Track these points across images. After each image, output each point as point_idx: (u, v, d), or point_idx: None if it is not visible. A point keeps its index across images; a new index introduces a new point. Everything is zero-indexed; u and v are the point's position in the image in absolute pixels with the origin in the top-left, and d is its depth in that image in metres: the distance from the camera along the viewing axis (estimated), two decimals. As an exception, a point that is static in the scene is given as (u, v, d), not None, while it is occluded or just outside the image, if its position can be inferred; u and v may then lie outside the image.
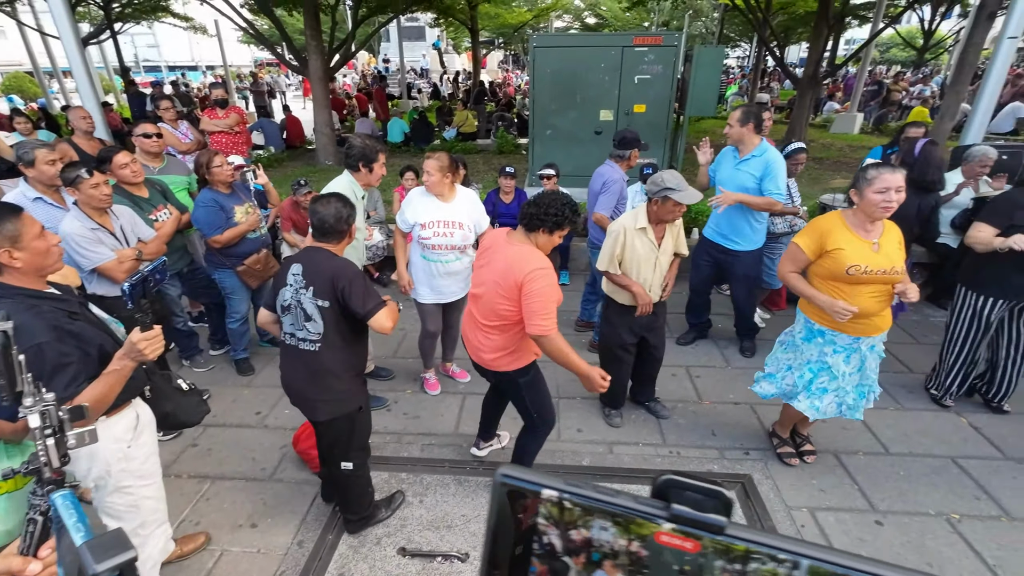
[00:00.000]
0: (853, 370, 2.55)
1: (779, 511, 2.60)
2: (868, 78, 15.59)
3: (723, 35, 23.29)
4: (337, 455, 2.19)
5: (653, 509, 0.30)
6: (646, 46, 5.94)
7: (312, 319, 2.00)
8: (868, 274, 2.31)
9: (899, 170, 2.26)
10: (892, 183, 2.21)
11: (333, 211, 2.03)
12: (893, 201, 2.22)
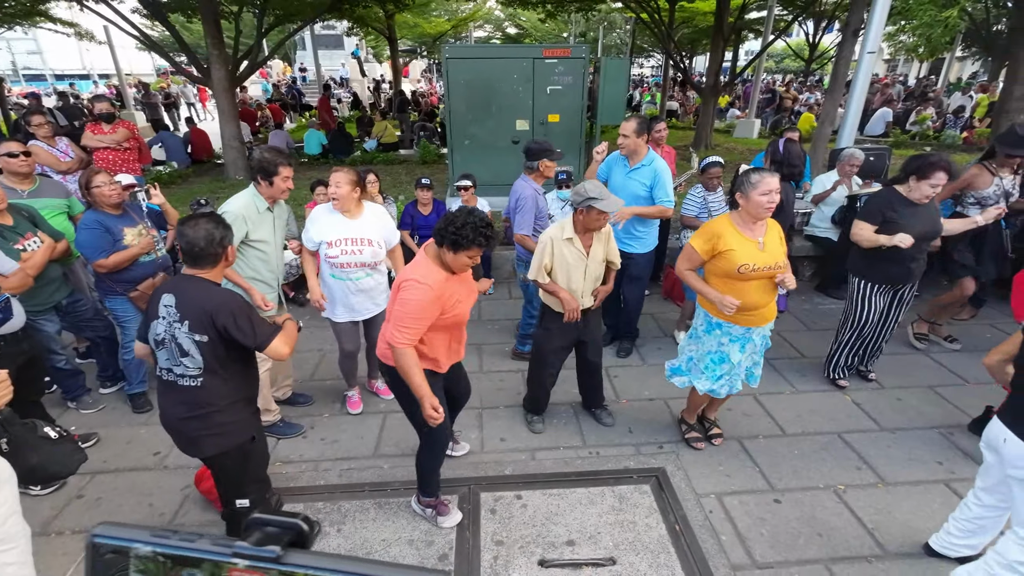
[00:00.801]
0: (746, 358, 2.79)
1: (689, 500, 2.74)
2: (763, 87, 16.98)
3: (636, 46, 24.50)
4: (232, 491, 2.06)
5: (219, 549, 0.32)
6: (556, 58, 6.12)
7: (189, 354, 1.86)
8: (756, 271, 2.52)
9: (776, 173, 2.48)
10: (773, 185, 2.44)
11: (203, 233, 1.87)
12: (774, 202, 2.45)
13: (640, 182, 3.53)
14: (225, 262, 1.99)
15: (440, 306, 2.13)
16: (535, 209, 3.48)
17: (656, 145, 4.55)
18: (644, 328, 4.43)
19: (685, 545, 2.49)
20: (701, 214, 4.07)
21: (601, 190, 2.64)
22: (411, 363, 2.08)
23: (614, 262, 3.01)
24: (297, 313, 4.89)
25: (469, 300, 2.31)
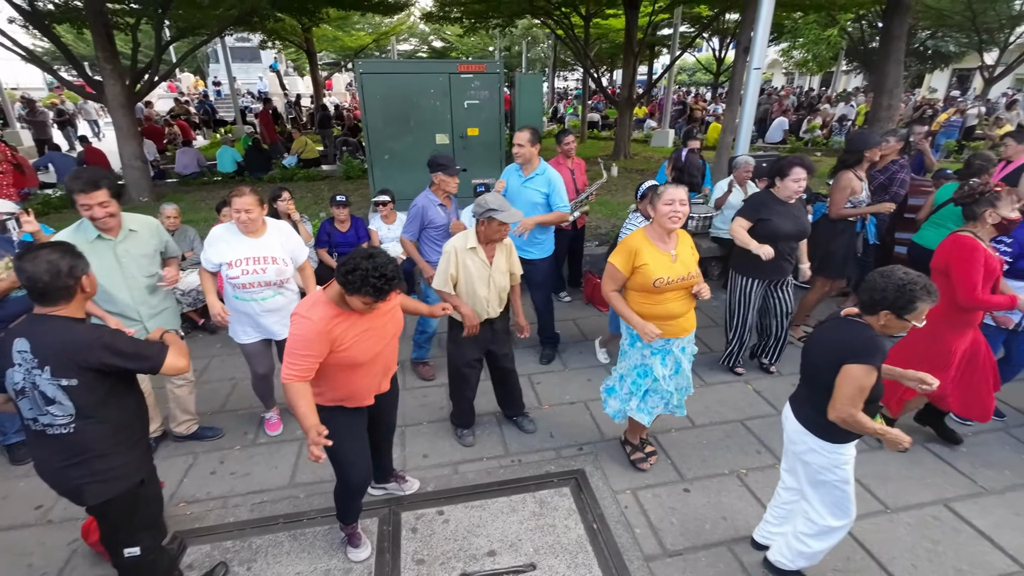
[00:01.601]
0: (670, 372, 2.79)
1: (606, 498, 2.84)
2: (674, 99, 18.08)
3: (559, 60, 25.36)
4: (120, 540, 1.90)
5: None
6: (471, 73, 6.22)
7: (56, 401, 1.68)
8: (671, 284, 2.58)
9: (682, 185, 2.58)
10: (677, 196, 2.52)
11: (45, 267, 1.65)
12: (680, 212, 2.52)
13: (536, 190, 3.71)
14: (83, 294, 1.79)
15: (327, 343, 1.99)
16: (421, 218, 3.54)
17: (566, 156, 4.73)
18: (566, 333, 4.56)
19: (602, 542, 2.57)
20: None
21: (502, 202, 2.71)
22: (295, 397, 1.98)
23: (515, 274, 3.04)
24: (208, 341, 4.63)
25: (372, 342, 2.11)
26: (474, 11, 11.28)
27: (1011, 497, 2.81)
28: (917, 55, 17.85)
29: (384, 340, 2.20)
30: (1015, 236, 3.06)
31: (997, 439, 3.26)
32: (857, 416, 1.84)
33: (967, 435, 3.27)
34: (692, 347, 2.89)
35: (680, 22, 13.07)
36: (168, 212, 4.57)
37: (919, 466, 3.05)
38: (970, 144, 10.87)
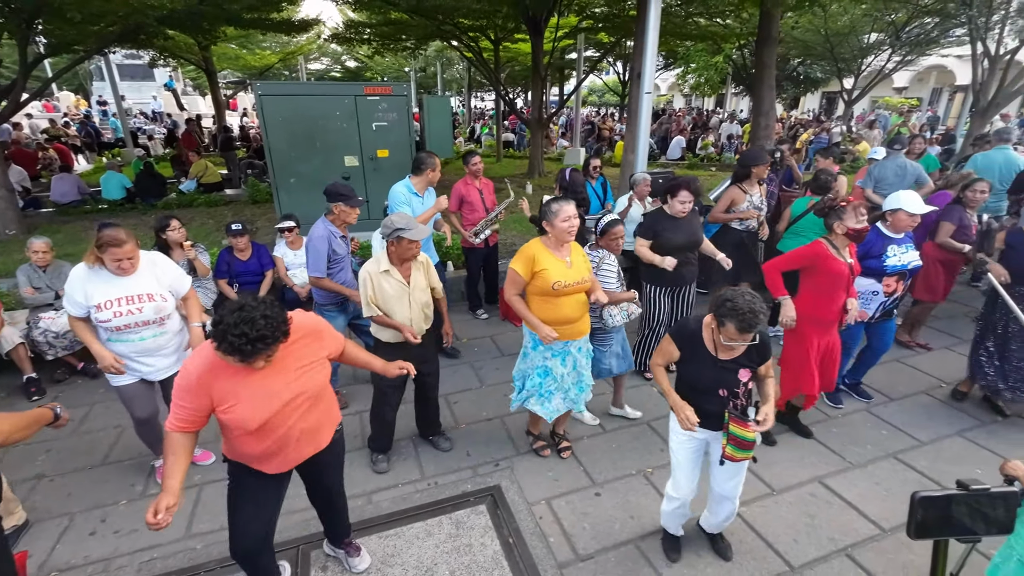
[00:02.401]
0: (569, 370, 3.01)
1: (522, 511, 2.88)
2: (584, 119, 19.03)
3: (474, 81, 25.83)
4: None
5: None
6: (378, 95, 6.21)
7: None
8: (567, 287, 2.78)
9: (571, 200, 2.79)
10: (570, 212, 2.74)
11: None
12: (575, 224, 2.75)
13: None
14: None
15: (204, 398, 1.78)
16: (327, 251, 3.35)
17: (474, 177, 4.83)
18: (482, 349, 4.62)
19: (517, 556, 2.61)
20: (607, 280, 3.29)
21: (408, 220, 2.73)
22: (166, 448, 1.83)
23: (436, 288, 3.09)
24: (90, 386, 4.19)
25: (265, 404, 1.81)
26: (383, 33, 11.28)
27: (872, 469, 3.19)
28: (792, 80, 20.11)
29: (282, 402, 1.86)
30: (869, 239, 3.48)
31: (862, 418, 3.69)
32: (654, 369, 2.39)
33: (838, 416, 3.69)
34: (588, 347, 3.12)
35: (584, 47, 13.84)
36: (37, 247, 4.11)
37: (800, 448, 3.38)
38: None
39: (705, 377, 2.18)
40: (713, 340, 2.15)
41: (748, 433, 2.08)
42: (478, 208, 4.79)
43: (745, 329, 1.95)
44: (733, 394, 2.15)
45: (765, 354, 2.20)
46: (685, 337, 2.24)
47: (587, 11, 10.32)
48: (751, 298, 1.96)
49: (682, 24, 10.41)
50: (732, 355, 2.17)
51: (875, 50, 15.26)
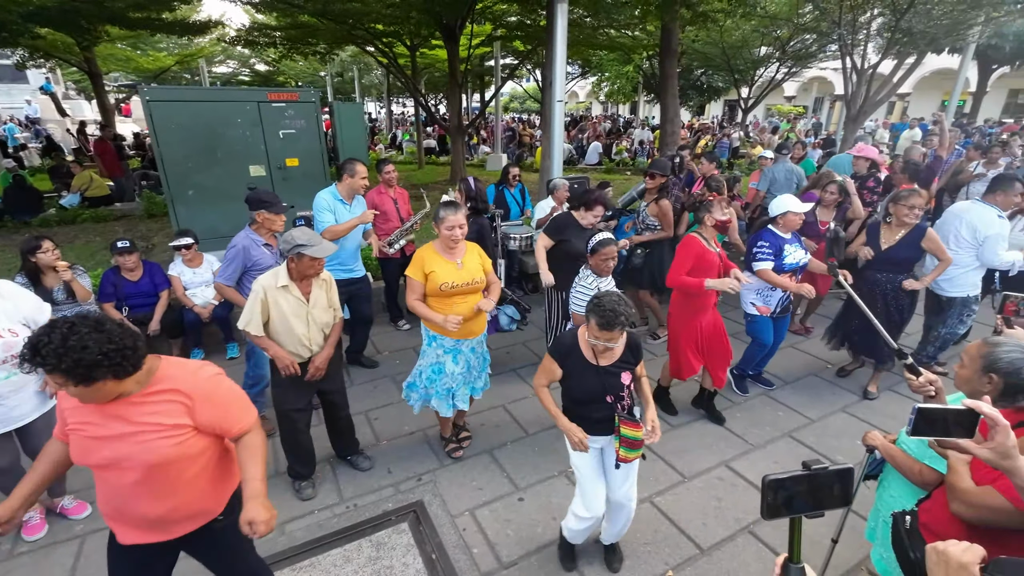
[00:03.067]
0: (461, 369, 3.11)
1: (445, 524, 2.84)
2: (504, 125, 19.29)
3: (393, 87, 25.37)
4: None
5: None
6: (283, 102, 5.92)
7: None
8: (455, 288, 2.89)
9: (461, 209, 2.85)
10: (456, 221, 2.83)
11: None
12: (459, 233, 2.84)
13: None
14: None
15: (63, 417, 1.57)
16: (244, 260, 3.25)
17: (387, 186, 4.73)
18: (405, 361, 4.52)
19: (440, 571, 2.56)
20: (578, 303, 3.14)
21: (311, 236, 2.60)
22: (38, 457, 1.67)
23: (338, 311, 2.97)
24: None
25: (87, 445, 1.51)
26: (292, 36, 10.79)
27: (771, 448, 3.46)
28: (697, 89, 21.55)
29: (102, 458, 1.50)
30: (768, 241, 3.74)
31: (762, 402, 4.00)
32: (538, 391, 2.36)
33: (740, 402, 3.96)
34: (483, 350, 3.24)
35: (501, 55, 14.03)
36: None
37: (709, 435, 3.60)
38: (736, 161, 13.41)
39: (590, 386, 2.23)
40: (591, 349, 2.22)
41: (638, 432, 2.17)
42: (392, 218, 4.69)
43: (604, 326, 2.04)
44: (619, 397, 2.24)
45: (639, 354, 2.33)
46: (564, 352, 2.28)
47: (501, 20, 10.47)
48: (617, 300, 2.07)
49: (592, 35, 10.84)
50: (612, 359, 2.25)
51: (766, 62, 16.72)
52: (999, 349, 1.69)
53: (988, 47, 14.17)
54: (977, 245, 3.70)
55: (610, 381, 2.23)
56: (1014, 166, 5.99)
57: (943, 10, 8.62)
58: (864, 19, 9.88)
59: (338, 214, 3.82)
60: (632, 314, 2.11)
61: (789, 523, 1.01)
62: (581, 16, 9.61)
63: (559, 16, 5.76)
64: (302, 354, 2.79)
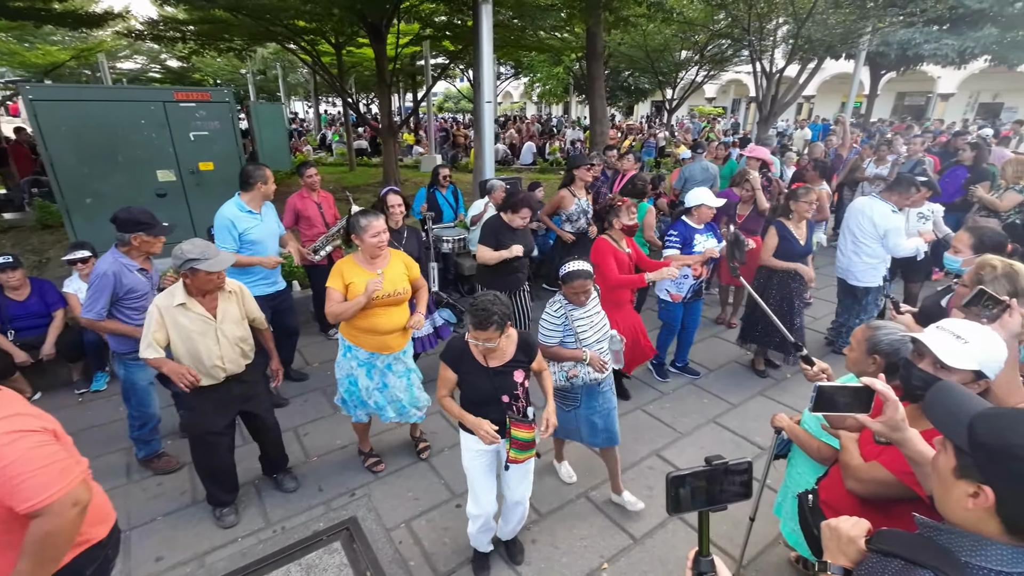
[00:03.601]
0: (377, 386, 3.02)
1: (380, 539, 2.76)
2: (439, 125, 19.12)
3: (321, 86, 24.43)
4: None
5: None
6: (193, 101, 5.53)
7: None
8: (376, 300, 2.78)
9: (380, 215, 2.76)
10: (379, 227, 2.75)
11: None
12: (383, 239, 2.75)
13: (276, 221, 3.78)
14: None
15: None
16: (111, 290, 2.81)
17: (310, 190, 4.54)
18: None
19: (375, 588, 2.48)
20: (567, 339, 2.70)
21: (204, 248, 2.41)
22: None
23: (257, 319, 2.82)
24: None
25: None
26: (202, 32, 10.08)
27: (697, 435, 3.63)
28: (625, 90, 22.30)
29: None
30: (679, 231, 3.93)
31: (688, 391, 4.18)
32: (441, 401, 2.29)
33: (669, 392, 4.13)
34: (406, 367, 3.11)
35: (432, 54, 13.85)
36: None
37: (640, 427, 3.72)
38: (663, 159, 14.00)
39: (484, 388, 2.22)
40: (481, 351, 2.20)
41: (528, 434, 2.19)
42: (317, 223, 4.51)
43: (478, 325, 2.04)
44: (513, 397, 2.24)
45: (531, 352, 2.32)
46: (455, 357, 2.26)
47: (429, 20, 10.32)
48: (492, 300, 2.07)
49: (521, 36, 10.93)
50: (502, 360, 2.24)
51: (686, 65, 17.55)
52: (880, 332, 1.86)
53: (877, 54, 15.62)
54: (880, 237, 4.06)
55: (502, 381, 2.22)
56: (899, 163, 6.63)
57: (837, 20, 9.41)
58: (771, 27, 10.60)
59: (246, 227, 3.50)
60: (507, 313, 2.10)
61: (698, 517, 1.05)
62: (509, 18, 9.67)
63: (484, 17, 5.76)
64: (215, 375, 2.60)
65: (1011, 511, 0.87)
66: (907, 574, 0.93)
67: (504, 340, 2.19)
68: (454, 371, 2.27)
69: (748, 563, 2.60)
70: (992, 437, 0.89)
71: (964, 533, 0.92)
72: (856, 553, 1.08)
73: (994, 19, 13.70)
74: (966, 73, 22.04)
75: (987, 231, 2.86)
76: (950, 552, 0.92)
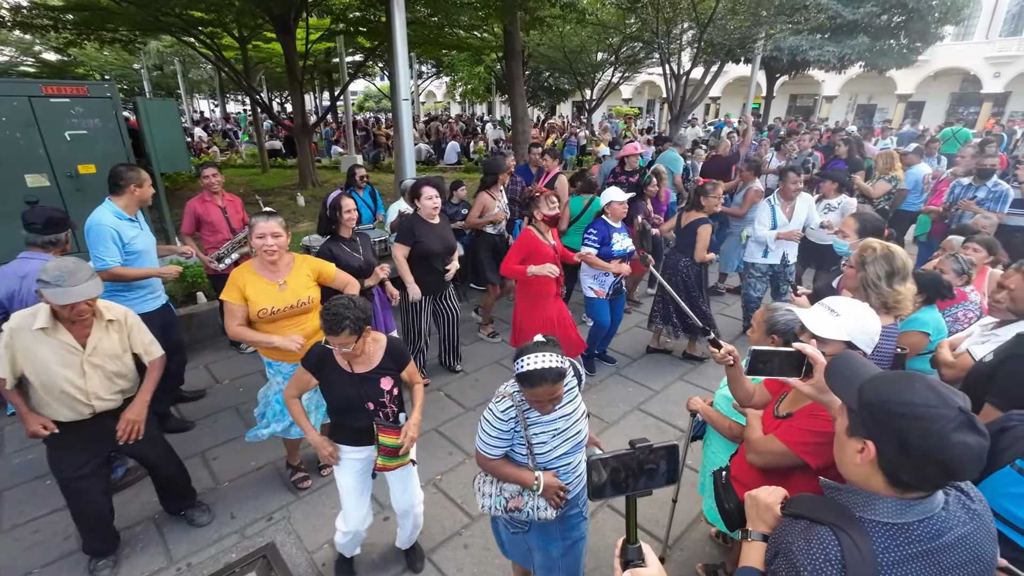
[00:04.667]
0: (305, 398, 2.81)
1: (301, 564, 2.58)
2: (359, 125, 18.51)
3: (228, 83, 22.83)
4: None
5: None
6: (67, 96, 4.92)
7: None
8: (277, 313, 2.58)
9: (274, 216, 2.58)
10: (269, 229, 2.53)
11: None
12: (272, 244, 2.53)
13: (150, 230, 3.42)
14: None
15: None
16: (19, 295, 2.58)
17: (211, 193, 4.19)
18: (248, 388, 4.05)
19: (296, 617, 2.32)
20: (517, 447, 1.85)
21: (59, 273, 2.02)
22: None
23: (150, 352, 2.48)
24: None
25: None
26: (81, 20, 9.02)
27: (623, 423, 3.73)
28: (546, 90, 22.72)
29: None
30: (598, 229, 4.02)
31: (614, 380, 4.30)
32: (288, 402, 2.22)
33: (595, 384, 4.22)
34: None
35: (348, 50, 13.33)
36: None
37: (569, 420, 3.76)
38: (584, 157, 14.40)
39: (348, 394, 2.13)
40: (344, 356, 2.09)
41: (395, 439, 2.11)
42: (221, 229, 4.17)
43: (329, 331, 1.95)
44: (380, 404, 2.16)
45: (401, 360, 2.24)
46: (317, 362, 2.15)
47: (342, 15, 9.90)
48: (345, 303, 1.97)
49: (440, 34, 10.78)
50: (368, 366, 2.15)
51: (603, 67, 18.17)
52: (776, 314, 1.98)
53: (771, 59, 16.98)
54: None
55: (368, 388, 2.14)
56: (792, 157, 7.22)
57: (735, 25, 10.11)
58: (677, 31, 11.20)
59: (131, 237, 3.13)
60: (364, 317, 2.00)
61: (625, 503, 1.01)
62: (426, 15, 9.50)
63: (396, 13, 5.58)
64: (80, 411, 2.25)
65: (889, 463, 0.96)
66: (809, 532, 1.01)
67: (369, 345, 2.12)
68: (314, 376, 2.17)
69: (673, 543, 2.70)
70: (874, 396, 0.99)
71: (858, 491, 1.02)
72: (772, 519, 1.15)
73: (865, 29, 15.35)
74: (845, 78, 24.58)
75: (868, 217, 3.17)
76: (846, 509, 1.01)
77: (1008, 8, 24.59)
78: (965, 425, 0.91)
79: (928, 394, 0.94)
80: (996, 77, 24.88)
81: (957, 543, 0.96)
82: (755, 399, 1.95)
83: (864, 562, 0.93)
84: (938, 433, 0.90)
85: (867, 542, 0.95)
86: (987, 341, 2.19)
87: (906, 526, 0.96)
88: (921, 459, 0.92)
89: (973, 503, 1.02)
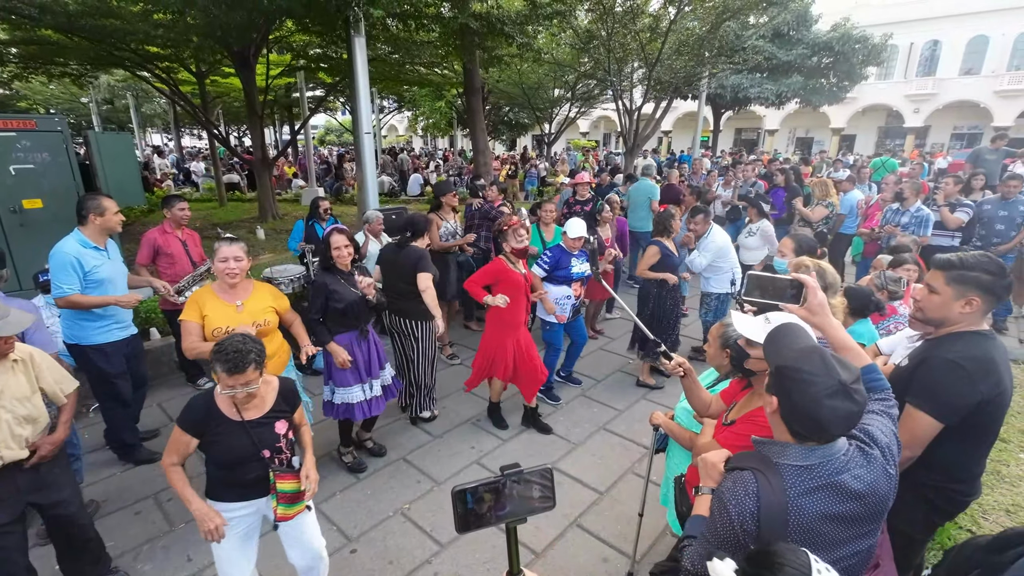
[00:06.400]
0: None
1: (264, 603, 2.49)
2: (320, 158, 18.50)
3: (184, 116, 22.44)
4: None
5: None
6: (12, 130, 4.80)
7: None
8: (231, 332, 2.48)
9: (236, 242, 2.68)
10: (231, 254, 2.63)
11: None
12: (233, 268, 2.63)
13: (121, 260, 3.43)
14: None
15: None
16: None
17: (176, 225, 4.14)
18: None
19: (259, 660, 2.22)
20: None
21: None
22: None
23: (64, 388, 2.32)
24: None
25: None
26: (28, 54, 8.80)
27: (589, 443, 3.79)
28: (507, 124, 23.38)
29: None
30: (552, 253, 4.14)
31: (579, 402, 4.38)
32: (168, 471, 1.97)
33: (562, 406, 4.29)
34: None
35: (309, 85, 13.42)
36: None
37: (535, 443, 3.80)
38: (544, 188, 14.82)
39: (240, 445, 1.96)
40: (233, 403, 1.95)
41: (294, 484, 2.02)
42: (180, 261, 4.10)
43: (233, 370, 1.82)
44: (277, 450, 2.03)
45: (295, 401, 2.15)
46: (198, 419, 1.95)
47: (302, 52, 10.03)
48: (242, 339, 1.88)
49: (401, 70, 11.04)
50: (261, 411, 2.02)
51: (560, 102, 18.92)
52: (729, 329, 2.13)
53: (716, 95, 18.15)
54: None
55: (262, 434, 1.99)
56: (737, 186, 7.69)
57: (680, 65, 10.81)
58: (628, 70, 11.86)
59: (93, 265, 3.08)
60: (263, 351, 1.91)
61: (506, 532, 0.92)
62: (387, 53, 9.74)
63: (357, 50, 5.76)
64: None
65: (786, 414, 1.22)
66: (735, 475, 1.27)
67: (263, 386, 2.00)
68: (195, 435, 1.95)
69: (641, 558, 2.74)
70: (780, 360, 1.26)
71: (775, 443, 1.28)
72: (718, 475, 1.42)
73: (799, 69, 16.68)
74: (784, 113, 26.45)
75: (803, 238, 3.43)
76: (766, 457, 1.27)
77: (922, 51, 27.28)
78: (839, 393, 1.14)
79: (818, 365, 1.18)
80: (916, 112, 27.34)
81: (855, 480, 1.20)
82: (712, 408, 2.07)
83: (775, 493, 1.18)
84: (813, 396, 1.15)
85: (779, 479, 1.20)
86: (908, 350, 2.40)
87: (810, 467, 1.20)
88: (802, 415, 1.18)
89: (872, 450, 1.25)
